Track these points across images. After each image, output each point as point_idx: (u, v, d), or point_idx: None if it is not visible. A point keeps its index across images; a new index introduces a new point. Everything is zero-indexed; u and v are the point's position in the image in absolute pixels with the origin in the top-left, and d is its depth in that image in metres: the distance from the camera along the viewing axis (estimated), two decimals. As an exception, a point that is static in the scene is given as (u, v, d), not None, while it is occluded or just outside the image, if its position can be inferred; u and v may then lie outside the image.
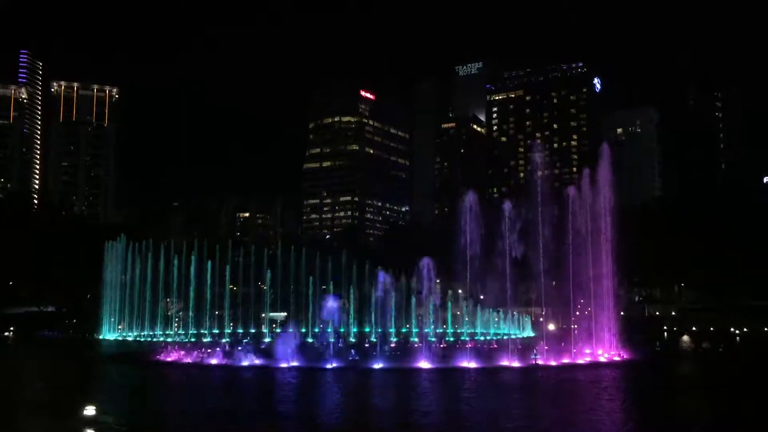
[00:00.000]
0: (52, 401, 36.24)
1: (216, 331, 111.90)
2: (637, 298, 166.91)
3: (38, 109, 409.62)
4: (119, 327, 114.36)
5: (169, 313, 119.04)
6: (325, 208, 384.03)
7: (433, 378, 48.35)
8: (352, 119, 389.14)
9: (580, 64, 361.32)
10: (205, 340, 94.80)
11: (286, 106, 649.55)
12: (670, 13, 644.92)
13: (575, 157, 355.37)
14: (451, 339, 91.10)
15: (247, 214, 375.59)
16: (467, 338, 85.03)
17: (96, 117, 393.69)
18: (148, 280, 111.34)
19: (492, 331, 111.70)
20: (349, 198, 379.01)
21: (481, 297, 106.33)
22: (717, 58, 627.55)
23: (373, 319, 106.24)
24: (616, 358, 59.86)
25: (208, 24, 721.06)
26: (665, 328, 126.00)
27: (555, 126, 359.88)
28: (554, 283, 63.97)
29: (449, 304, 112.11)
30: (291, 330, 76.71)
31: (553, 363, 55.66)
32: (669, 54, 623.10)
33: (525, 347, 63.89)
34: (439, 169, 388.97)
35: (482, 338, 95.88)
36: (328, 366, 53.26)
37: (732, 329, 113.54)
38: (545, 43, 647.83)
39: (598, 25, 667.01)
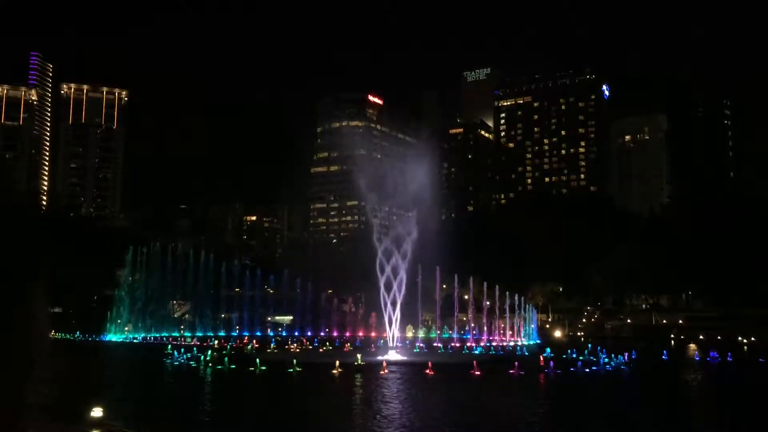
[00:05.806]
0: (59, 403, 36.23)
1: (222, 333, 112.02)
2: (644, 306, 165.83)
3: (48, 111, 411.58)
4: (126, 329, 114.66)
5: (175, 315, 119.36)
6: (332, 213, 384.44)
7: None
8: (360, 124, 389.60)
9: (589, 71, 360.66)
10: (211, 342, 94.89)
11: (295, 110, 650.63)
12: (679, 20, 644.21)
13: (583, 163, 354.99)
14: None
15: (254, 218, 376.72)
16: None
17: (105, 119, 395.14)
18: (155, 283, 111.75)
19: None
20: (356, 202, 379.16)
21: None
22: (727, 65, 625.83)
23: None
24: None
25: (213, 26, 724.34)
26: (672, 336, 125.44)
27: (563, 132, 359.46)
28: None
29: None
30: None
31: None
32: (678, 61, 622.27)
33: None
34: (446, 175, 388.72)
35: None
36: None
37: (740, 338, 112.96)
38: (554, 50, 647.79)
39: (607, 31, 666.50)
